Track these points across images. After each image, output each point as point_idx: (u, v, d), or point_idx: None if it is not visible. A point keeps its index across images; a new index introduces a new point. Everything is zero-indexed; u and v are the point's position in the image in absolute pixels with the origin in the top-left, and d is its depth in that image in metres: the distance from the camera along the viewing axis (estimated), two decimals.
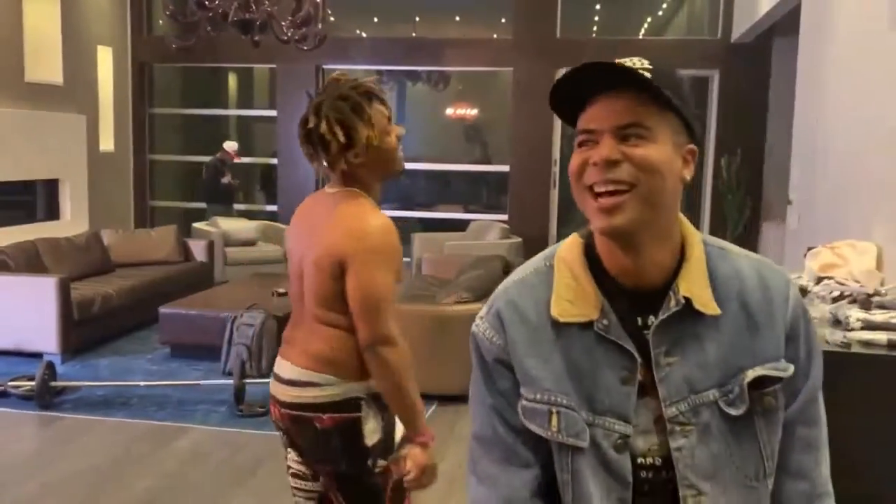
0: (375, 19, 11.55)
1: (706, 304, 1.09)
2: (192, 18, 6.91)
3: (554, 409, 1.11)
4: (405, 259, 9.48)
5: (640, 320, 1.10)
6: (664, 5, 10.77)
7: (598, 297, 1.11)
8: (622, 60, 1.08)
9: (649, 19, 10.84)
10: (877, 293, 3.05)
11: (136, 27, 10.19)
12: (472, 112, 11.96)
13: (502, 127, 10.35)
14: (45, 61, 8.55)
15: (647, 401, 1.10)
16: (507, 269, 5.93)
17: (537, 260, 1.20)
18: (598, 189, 1.06)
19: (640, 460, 1.11)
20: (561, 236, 10.36)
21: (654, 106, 1.05)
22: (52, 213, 8.82)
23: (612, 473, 1.10)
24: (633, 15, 10.71)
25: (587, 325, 1.10)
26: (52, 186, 8.80)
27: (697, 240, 1.13)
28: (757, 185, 8.92)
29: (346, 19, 10.87)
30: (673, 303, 1.08)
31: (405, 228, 10.05)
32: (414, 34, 11.22)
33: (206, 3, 6.61)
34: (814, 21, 5.41)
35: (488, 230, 8.49)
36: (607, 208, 1.05)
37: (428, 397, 4.85)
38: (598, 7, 10.75)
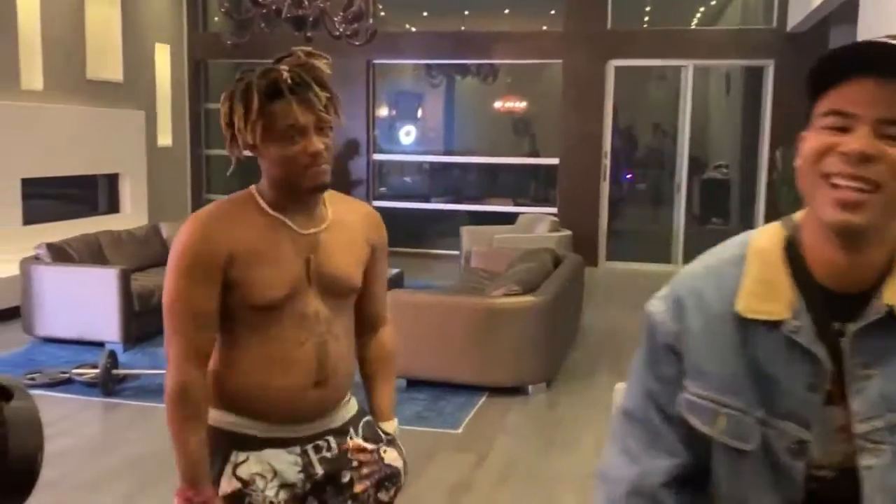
0: (425, 14, 11.60)
1: None
2: (246, 15, 7.05)
3: (722, 410, 1.05)
4: (453, 252, 9.61)
5: (836, 325, 1.02)
6: None
7: (793, 296, 1.03)
8: None
9: (702, 9, 10.68)
10: None
11: (192, 25, 10.41)
12: (521, 105, 11.94)
13: (551, 120, 10.32)
14: (105, 60, 8.81)
15: (832, 410, 1.03)
16: (556, 262, 5.94)
17: (730, 247, 1.11)
18: (838, 182, 0.96)
19: (812, 470, 1.05)
20: (612, 230, 10.33)
21: None
22: (113, 206, 9.10)
23: (783, 479, 1.05)
24: (685, 4, 10.57)
25: (775, 325, 1.03)
26: (112, 180, 9.08)
27: None
28: None
29: (396, 14, 10.94)
30: (874, 311, 1.00)
31: (455, 222, 10.11)
32: (463, 28, 11.24)
33: (260, 0, 6.74)
34: (873, 8, 5.29)
35: (537, 223, 8.48)
36: (850, 203, 0.95)
37: (479, 389, 4.93)
38: None
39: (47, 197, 8.18)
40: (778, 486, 1.05)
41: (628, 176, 11.17)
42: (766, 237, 1.08)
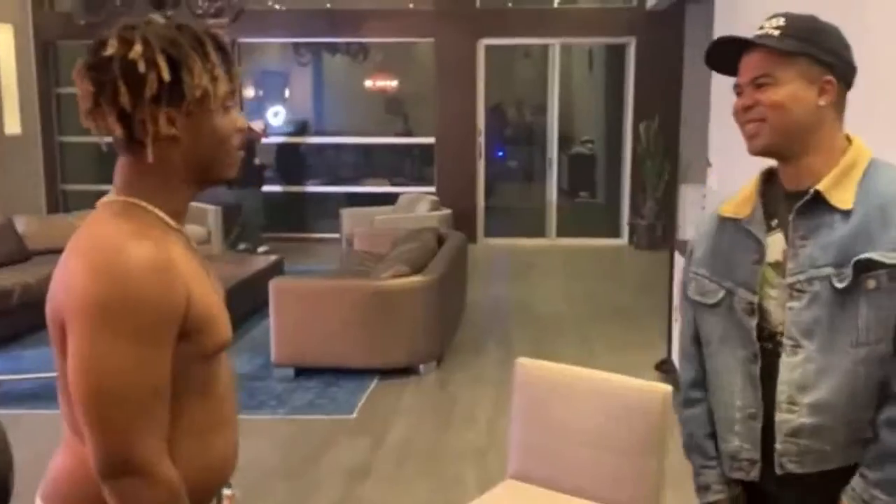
0: None
1: (841, 199, 1.37)
2: None
3: (695, 277, 1.56)
4: (333, 235, 9.46)
5: (790, 216, 1.42)
6: None
7: (755, 200, 1.48)
8: (762, 24, 1.41)
9: None
10: None
11: (36, 2, 9.68)
12: (393, 84, 11.87)
13: (424, 99, 10.32)
14: None
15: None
16: (440, 241, 5.96)
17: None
18: (743, 126, 1.42)
19: (779, 327, 1.42)
20: (490, 206, 10.43)
21: (779, 57, 1.38)
22: None
23: (743, 332, 1.45)
24: None
25: (738, 221, 1.49)
26: None
27: (860, 155, 1.41)
28: (674, 149, 9.18)
29: None
30: (807, 195, 1.39)
31: (332, 204, 9.96)
32: (329, 5, 11.02)
33: None
34: None
35: (418, 203, 8.50)
36: (750, 136, 1.42)
37: (370, 372, 4.90)
38: None
39: None
40: (740, 339, 1.46)
41: (500, 153, 11.35)
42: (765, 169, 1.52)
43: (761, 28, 1.42)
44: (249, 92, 11.11)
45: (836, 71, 1.39)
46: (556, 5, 10.64)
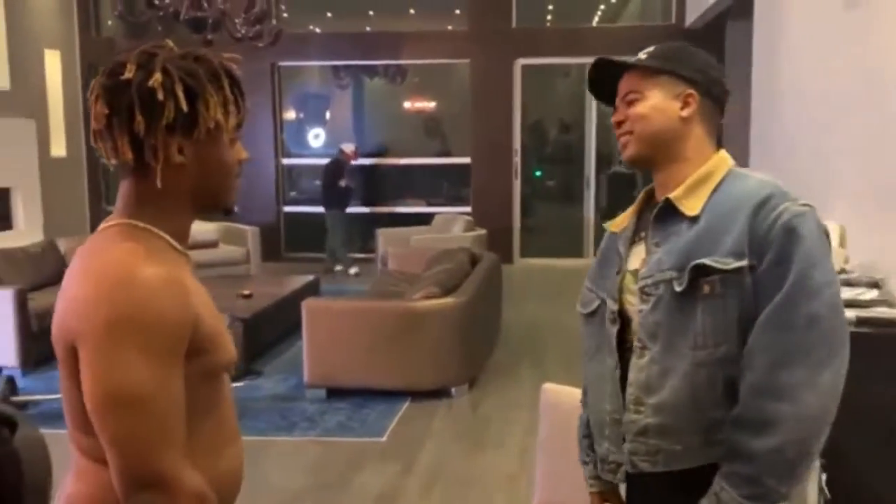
0: (329, 14, 11.43)
1: (690, 207, 1.44)
2: (141, 18, 6.77)
3: (583, 290, 1.63)
4: (368, 255, 9.50)
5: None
6: None
7: (633, 214, 1.57)
8: (638, 57, 1.53)
9: (603, 6, 10.89)
10: (843, 271, 3.10)
11: (83, 28, 9.94)
12: (430, 105, 11.91)
13: (461, 119, 10.33)
14: None
15: None
16: (473, 262, 5.92)
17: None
18: (619, 139, 1.53)
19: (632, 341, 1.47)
20: (525, 227, 10.38)
21: (645, 74, 1.50)
22: (5, 222, 8.57)
23: (607, 341, 1.52)
24: (585, 2, 10.75)
25: (616, 234, 1.58)
26: (3, 195, 8.56)
27: (718, 165, 1.48)
28: None
29: (298, 15, 10.74)
30: (662, 203, 1.47)
31: (368, 224, 9.99)
32: (368, 28, 11.12)
33: (157, 1, 6.47)
34: (768, 4, 5.47)
35: (453, 223, 8.47)
36: (622, 146, 1.52)
37: (401, 394, 4.85)
38: None
39: None
40: (608, 347, 1.51)
41: (537, 173, 11.29)
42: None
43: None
44: (290, 114, 11.24)
45: (699, 87, 1.48)
46: (594, 24, 10.61)
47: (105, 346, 1.13)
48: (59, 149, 9.46)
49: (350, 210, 9.55)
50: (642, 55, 1.51)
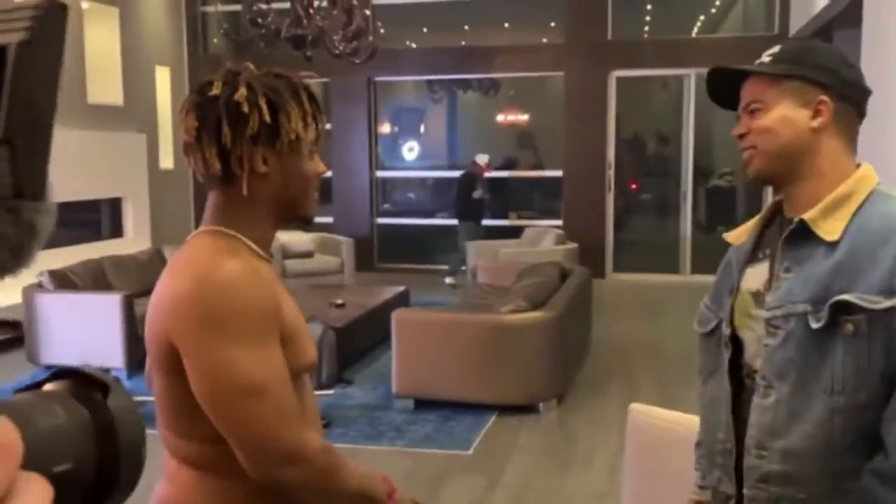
0: (425, 30, 11.60)
1: (828, 230, 1.27)
2: (245, 36, 7.04)
3: (700, 306, 1.53)
4: (460, 268, 9.55)
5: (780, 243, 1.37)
6: (717, 2, 10.57)
7: (755, 227, 1.44)
8: (761, 60, 1.38)
9: (702, 17, 10.65)
10: None
11: (192, 46, 10.42)
12: (524, 118, 11.90)
13: (554, 132, 10.27)
14: (106, 83, 8.80)
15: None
16: (563, 276, 5.87)
17: None
18: (742, 153, 1.40)
19: (756, 363, 1.35)
20: (618, 241, 10.23)
21: (769, 81, 1.34)
22: (116, 230, 9.06)
23: (721, 365, 1.41)
24: (685, 13, 10.54)
25: (736, 248, 1.47)
26: (115, 205, 9.05)
27: (860, 183, 1.32)
28: None
29: (396, 31, 10.93)
30: (794, 225, 1.31)
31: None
32: (464, 43, 11.22)
33: (259, 20, 6.72)
34: (876, 13, 5.23)
35: (543, 236, 8.42)
36: (745, 163, 1.38)
37: (488, 408, 4.85)
38: (649, 7, 10.60)
39: None
40: (720, 371, 1.42)
41: (633, 186, 11.11)
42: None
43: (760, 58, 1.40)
44: (385, 128, 11.44)
45: (832, 90, 1.31)
46: (694, 34, 10.38)
47: (204, 341, 1.18)
48: (167, 161, 9.93)
49: (439, 222, 9.63)
50: (766, 58, 1.36)
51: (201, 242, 1.30)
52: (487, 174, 9.47)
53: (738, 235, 1.46)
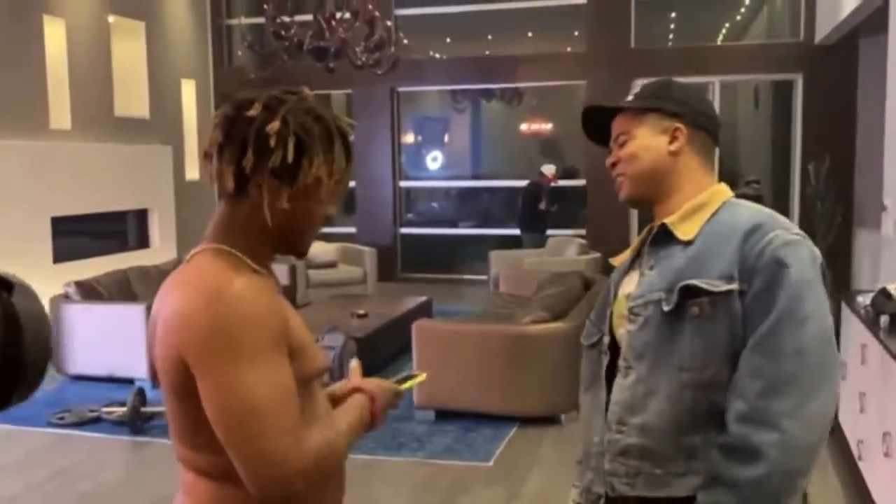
0: (448, 40, 11.63)
1: (684, 231, 1.45)
2: (268, 48, 7.10)
3: (587, 322, 1.63)
4: (481, 277, 9.54)
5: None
6: (742, 9, 10.48)
7: (635, 248, 1.57)
8: (627, 99, 1.56)
9: (727, 24, 10.57)
10: None
11: (217, 59, 10.53)
12: (547, 127, 11.88)
13: (578, 141, 10.23)
14: (132, 96, 8.93)
15: None
16: (586, 286, 5.83)
17: None
18: (614, 180, 1.57)
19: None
20: None
21: (633, 115, 1.53)
22: (143, 241, 9.17)
23: (599, 372, 1.53)
24: (710, 20, 10.47)
25: (617, 266, 1.61)
26: (141, 216, 9.16)
27: (714, 195, 1.50)
28: (848, 191, 8.55)
29: (419, 41, 10.98)
30: (658, 228, 1.49)
31: (483, 246, 10.03)
32: (487, 52, 11.23)
33: (282, 32, 6.78)
34: None
35: (566, 246, 8.38)
36: (618, 188, 1.56)
37: (509, 419, 4.82)
38: (673, 15, 10.54)
39: (77, 234, 8.26)
40: (598, 378, 1.53)
41: None
42: None
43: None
44: (408, 138, 11.48)
45: (686, 118, 1.50)
46: (719, 41, 10.30)
47: (214, 358, 1.18)
48: (192, 173, 10.04)
49: (462, 231, 9.62)
50: (630, 97, 1.55)
51: (205, 260, 1.30)
52: (555, 184, 9.37)
53: (621, 258, 1.61)
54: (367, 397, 1.43)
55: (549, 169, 9.31)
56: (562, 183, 10.67)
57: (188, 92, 9.99)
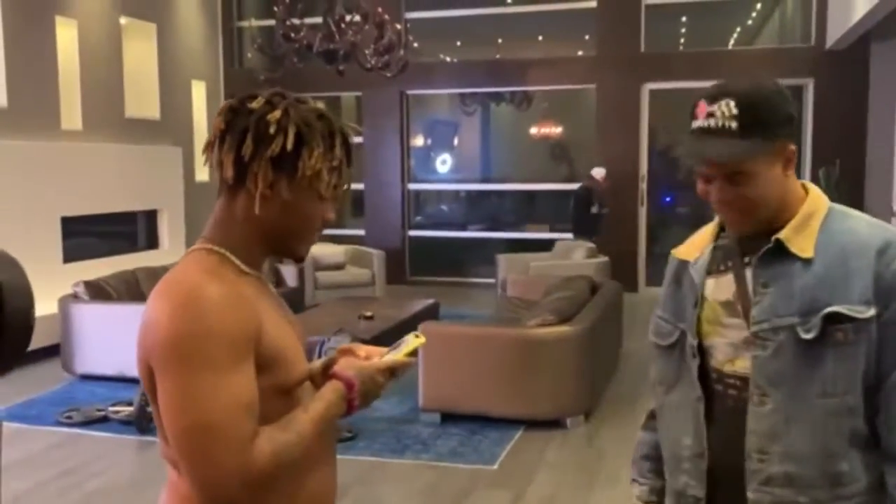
0: (458, 43, 11.64)
1: (802, 248, 1.37)
2: (278, 51, 7.12)
3: (654, 319, 1.59)
4: (489, 280, 9.53)
5: (747, 259, 1.43)
6: (753, 14, 10.45)
7: (707, 244, 1.50)
8: (712, 109, 1.36)
9: (738, 29, 10.54)
10: None
11: (227, 61, 10.57)
12: (557, 130, 11.87)
13: (587, 144, 10.23)
14: (143, 98, 8.97)
15: (737, 322, 1.42)
16: (594, 289, 5.82)
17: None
18: (724, 214, 1.44)
19: (726, 368, 1.43)
20: (651, 254, 10.13)
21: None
22: (152, 242, 9.20)
23: (687, 374, 1.48)
24: (721, 25, 10.44)
25: (687, 263, 1.52)
26: (151, 216, 9.19)
27: (817, 204, 1.41)
28: (859, 196, 8.51)
29: (429, 44, 10.99)
30: (771, 244, 1.39)
31: (491, 249, 10.03)
32: (497, 56, 11.24)
33: (292, 35, 6.80)
34: None
35: (574, 250, 8.37)
36: (732, 222, 1.44)
37: (515, 422, 4.81)
38: (683, 19, 10.52)
39: (87, 234, 8.30)
40: (690, 381, 1.47)
41: (668, 199, 11.01)
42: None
43: (710, 115, 1.35)
44: (417, 141, 11.49)
45: (792, 136, 1.40)
46: (730, 46, 10.28)
47: (170, 367, 1.18)
48: (202, 174, 10.07)
49: (470, 234, 9.61)
50: (728, 121, 1.33)
51: (191, 261, 1.31)
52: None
53: (690, 252, 1.53)
54: (343, 385, 1.33)
55: (599, 172, 9.16)
56: (571, 187, 10.67)
57: (198, 93, 10.03)
